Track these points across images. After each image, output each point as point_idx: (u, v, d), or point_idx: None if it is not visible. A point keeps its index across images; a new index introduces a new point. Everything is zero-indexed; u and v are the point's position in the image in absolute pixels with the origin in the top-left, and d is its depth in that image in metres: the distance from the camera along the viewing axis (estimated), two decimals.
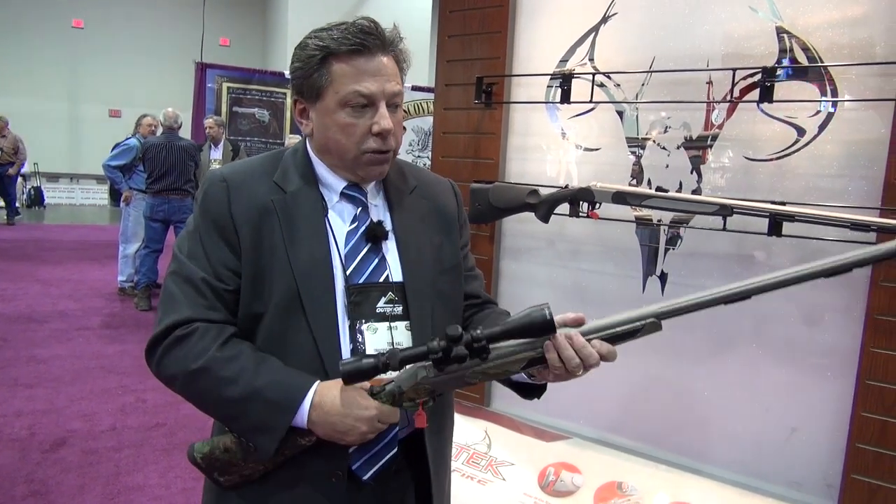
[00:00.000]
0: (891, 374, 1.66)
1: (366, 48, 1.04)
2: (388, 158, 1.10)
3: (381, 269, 1.11)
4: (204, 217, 1.09)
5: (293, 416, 1.01)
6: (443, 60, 2.39)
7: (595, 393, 2.16)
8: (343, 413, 1.01)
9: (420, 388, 1.02)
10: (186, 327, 1.04)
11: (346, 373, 0.98)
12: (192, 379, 1.04)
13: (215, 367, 1.02)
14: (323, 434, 1.02)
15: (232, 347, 1.05)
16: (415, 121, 8.35)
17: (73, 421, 3.36)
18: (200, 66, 8.57)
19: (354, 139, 1.07)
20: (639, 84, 2.04)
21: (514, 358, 1.01)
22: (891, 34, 1.66)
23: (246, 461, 1.06)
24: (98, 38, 13.30)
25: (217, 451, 1.07)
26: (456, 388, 1.05)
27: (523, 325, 0.97)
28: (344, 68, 1.04)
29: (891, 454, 1.66)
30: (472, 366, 1.01)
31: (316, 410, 1.01)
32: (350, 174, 1.12)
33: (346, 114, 1.06)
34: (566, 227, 2.19)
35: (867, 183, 1.71)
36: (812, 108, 1.77)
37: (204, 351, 1.03)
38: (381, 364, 0.97)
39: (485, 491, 2.00)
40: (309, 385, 1.03)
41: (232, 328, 1.07)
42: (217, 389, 1.03)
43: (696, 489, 1.86)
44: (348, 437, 1.01)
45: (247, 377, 1.02)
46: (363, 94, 1.04)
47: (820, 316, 1.79)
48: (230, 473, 1.07)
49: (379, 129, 1.05)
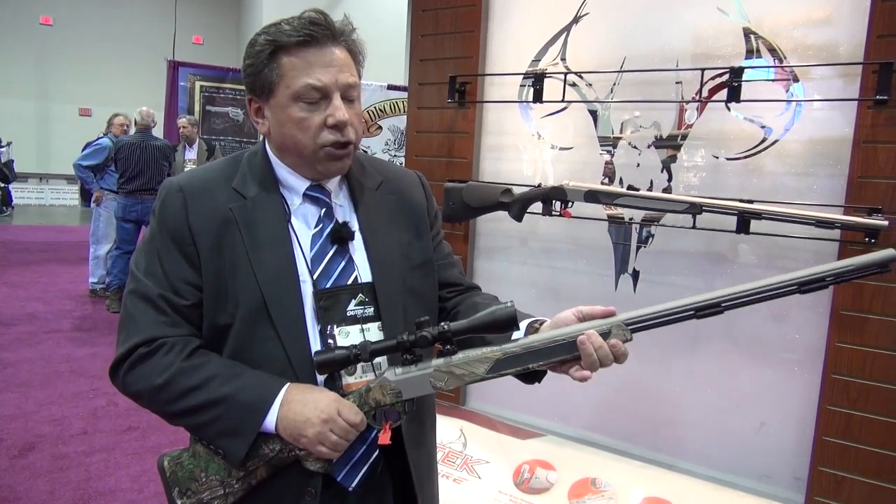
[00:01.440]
0: (855, 369, 1.70)
1: (314, 39, 1.02)
2: (348, 153, 1.07)
3: (349, 270, 1.10)
4: (161, 229, 1.06)
5: (264, 417, 0.99)
6: (416, 59, 2.39)
7: (569, 391, 2.17)
8: (303, 402, 0.99)
9: (386, 388, 1.01)
10: (150, 345, 1.02)
11: (319, 363, 0.97)
12: (158, 392, 1.01)
13: (181, 377, 1.01)
14: (283, 431, 0.99)
15: (198, 357, 1.03)
16: (391, 120, 8.31)
17: (43, 425, 3.29)
18: (173, 64, 8.46)
19: (310, 134, 1.03)
20: (610, 84, 2.06)
21: (480, 358, 1.01)
22: (853, 36, 1.69)
23: (208, 474, 1.03)
24: (67, 36, 13.05)
25: (185, 455, 1.05)
26: (423, 393, 1.03)
27: (488, 322, 0.98)
28: (294, 61, 1.02)
29: (855, 446, 1.70)
30: (438, 366, 1.01)
31: (283, 407, 1.00)
32: (311, 172, 1.09)
33: (300, 108, 1.02)
34: (539, 226, 2.20)
35: (832, 181, 1.75)
36: (778, 108, 1.81)
37: (169, 364, 1.01)
38: (353, 355, 0.98)
39: (460, 489, 2.00)
40: (280, 386, 1.01)
41: (197, 341, 1.05)
42: (185, 398, 1.01)
43: (668, 484, 1.88)
44: (308, 432, 0.98)
45: (215, 383, 1.00)
46: (315, 86, 1.01)
47: (787, 312, 1.82)
48: (189, 497, 1.03)
49: (334, 120, 1.02)
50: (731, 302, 0.98)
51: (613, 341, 0.97)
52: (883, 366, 1.66)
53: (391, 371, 1.02)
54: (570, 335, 0.98)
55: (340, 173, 1.12)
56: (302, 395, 1.00)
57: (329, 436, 0.98)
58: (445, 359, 1.01)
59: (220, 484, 1.03)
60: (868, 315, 1.67)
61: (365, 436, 1.07)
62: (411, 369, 1.02)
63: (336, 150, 1.05)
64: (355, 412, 1.00)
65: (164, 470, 1.05)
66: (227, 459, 1.02)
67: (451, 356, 1.01)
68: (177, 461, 1.05)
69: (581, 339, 0.96)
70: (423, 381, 1.01)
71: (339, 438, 0.99)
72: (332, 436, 0.98)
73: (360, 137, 1.10)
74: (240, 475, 1.03)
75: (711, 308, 0.99)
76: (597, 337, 0.96)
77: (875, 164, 1.64)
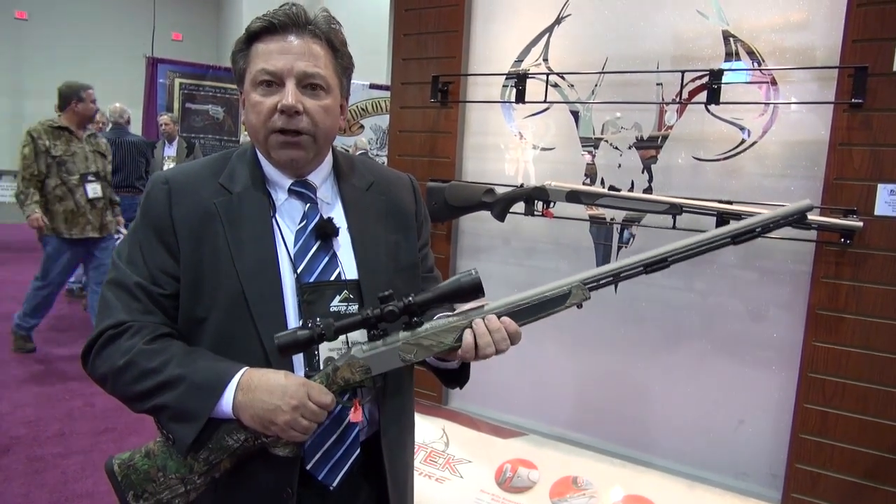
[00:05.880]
0: (831, 367, 1.73)
1: (273, 26, 1.03)
2: (298, 142, 1.06)
3: (332, 266, 1.09)
4: (144, 220, 1.07)
5: (217, 400, 0.96)
6: (398, 58, 2.39)
7: (550, 390, 2.19)
8: (269, 389, 0.96)
9: (354, 365, 1.01)
10: (118, 328, 1.02)
11: (281, 345, 0.96)
12: (119, 374, 1.00)
13: (140, 358, 0.99)
14: (250, 420, 0.96)
15: (161, 342, 1.02)
16: (373, 119, 8.30)
17: (17, 427, 3.24)
18: (151, 60, 8.37)
19: (262, 118, 1.04)
20: (592, 85, 2.08)
21: (447, 327, 1.01)
22: (830, 39, 1.72)
23: (166, 473, 0.99)
24: (43, 31, 12.80)
25: (137, 455, 1.02)
26: (392, 367, 1.03)
27: (453, 290, 0.99)
28: (258, 48, 1.05)
29: (831, 443, 1.73)
30: (405, 339, 1.01)
31: (242, 391, 0.96)
32: (272, 161, 1.10)
33: (257, 93, 1.04)
34: (521, 226, 2.21)
35: (809, 182, 1.78)
36: (757, 110, 1.83)
37: (132, 347, 1.00)
38: (317, 335, 0.96)
39: (442, 489, 2.01)
40: (236, 370, 0.99)
41: (166, 328, 1.04)
42: (141, 380, 0.99)
43: (648, 482, 1.90)
44: (279, 419, 0.95)
45: (171, 365, 0.98)
46: (268, 70, 1.03)
47: (764, 311, 1.85)
48: (147, 499, 0.99)
49: (281, 105, 1.02)
50: (676, 256, 1.07)
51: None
52: (857, 364, 1.69)
53: (358, 348, 1.02)
54: (532, 298, 1.04)
55: (293, 164, 1.09)
56: (266, 382, 0.97)
57: (300, 421, 0.96)
58: (413, 331, 1.01)
59: (181, 481, 0.99)
60: (843, 314, 1.70)
61: (346, 434, 1.07)
62: (378, 344, 1.01)
63: (284, 136, 1.05)
64: (325, 392, 0.98)
65: (115, 474, 1.01)
66: (176, 446, 0.98)
67: (418, 328, 1.01)
68: (128, 464, 1.01)
69: (477, 322, 1.02)
70: (391, 355, 1.01)
71: (309, 422, 0.97)
72: (304, 420, 0.96)
73: (326, 130, 1.09)
74: (203, 469, 0.99)
75: (659, 263, 1.06)
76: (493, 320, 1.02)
77: (850, 167, 1.67)
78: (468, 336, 1.01)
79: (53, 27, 12.86)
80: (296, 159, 1.08)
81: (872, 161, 1.65)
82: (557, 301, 1.04)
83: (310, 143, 1.07)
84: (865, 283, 1.67)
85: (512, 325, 1.03)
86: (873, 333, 1.67)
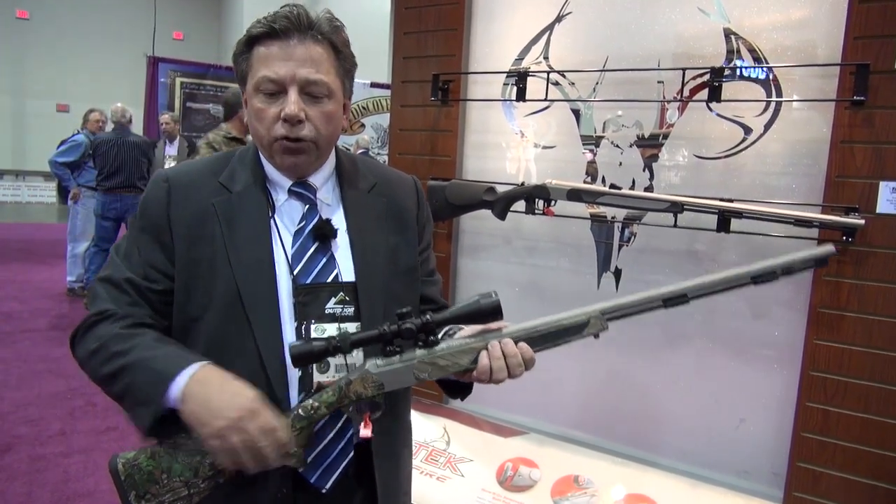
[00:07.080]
0: (833, 365, 1.72)
1: (275, 31, 1.02)
2: (301, 148, 1.05)
3: (329, 268, 1.08)
4: (142, 217, 1.08)
5: (168, 385, 0.93)
6: (399, 57, 2.38)
7: (552, 389, 2.19)
8: (222, 389, 0.92)
9: (367, 379, 1.00)
10: (102, 315, 1.02)
11: (295, 355, 0.94)
12: (92, 356, 1.00)
13: (112, 342, 0.98)
14: (189, 414, 0.91)
15: (137, 329, 1.01)
16: (374, 117, 8.30)
17: (19, 426, 3.24)
18: (152, 59, 8.37)
19: (265, 125, 1.04)
20: (593, 83, 2.07)
21: (464, 348, 1.01)
22: (831, 37, 1.71)
23: (170, 475, 0.98)
24: (44, 30, 12.80)
25: (142, 456, 1.00)
26: (406, 385, 1.02)
27: (472, 311, 0.98)
28: (260, 52, 1.03)
29: (833, 442, 1.73)
30: (422, 357, 1.00)
31: (196, 382, 0.93)
32: (276, 165, 1.09)
33: (259, 100, 1.04)
34: (522, 225, 2.20)
35: (810, 180, 1.77)
36: (758, 108, 1.82)
37: (108, 331, 1.00)
38: (332, 347, 0.95)
39: (444, 487, 2.00)
40: (200, 360, 0.96)
41: (150, 320, 1.04)
42: (109, 362, 0.98)
43: (650, 481, 1.90)
44: (213, 422, 0.89)
45: (137, 350, 0.97)
46: (271, 78, 1.02)
47: (766, 310, 1.85)
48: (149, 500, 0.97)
49: (284, 114, 1.02)
50: (696, 294, 1.07)
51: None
52: (859, 362, 1.69)
53: (372, 363, 1.01)
54: (550, 325, 1.02)
55: (296, 169, 1.09)
56: (223, 383, 0.93)
57: (230, 436, 0.89)
58: (429, 349, 1.00)
59: (185, 485, 0.98)
60: (845, 313, 1.70)
61: (341, 436, 1.06)
62: (394, 361, 1.00)
63: (287, 143, 1.04)
64: (281, 428, 0.92)
65: (119, 473, 0.99)
66: (138, 431, 0.97)
67: (435, 346, 1.00)
68: (132, 463, 0.99)
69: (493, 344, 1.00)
70: (406, 373, 1.00)
71: (241, 444, 0.89)
72: (234, 437, 0.89)
73: (328, 136, 1.08)
74: (208, 473, 0.97)
75: (679, 298, 1.06)
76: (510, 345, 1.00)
77: (852, 164, 1.67)
78: (484, 359, 1.00)
79: (55, 26, 12.86)
80: (298, 164, 1.08)
81: (874, 159, 1.64)
82: (575, 330, 1.03)
83: (312, 149, 1.07)
84: (867, 281, 1.67)
85: (528, 352, 1.01)
86: (875, 331, 1.67)
